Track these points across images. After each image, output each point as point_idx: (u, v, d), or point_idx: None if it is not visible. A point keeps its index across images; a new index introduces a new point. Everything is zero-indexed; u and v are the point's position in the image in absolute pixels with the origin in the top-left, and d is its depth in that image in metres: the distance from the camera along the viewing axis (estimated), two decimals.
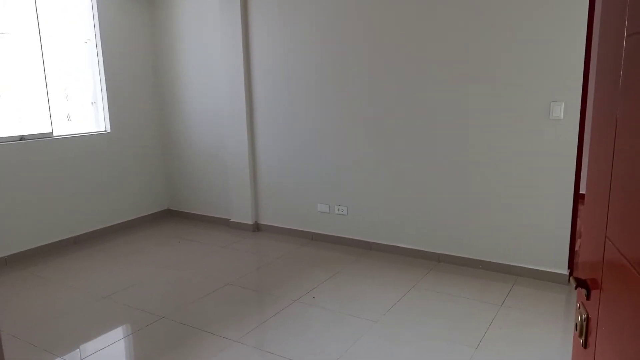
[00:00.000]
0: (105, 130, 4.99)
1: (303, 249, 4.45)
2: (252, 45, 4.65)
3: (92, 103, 4.98)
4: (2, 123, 4.35)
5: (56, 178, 4.52)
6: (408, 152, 3.99)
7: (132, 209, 5.29)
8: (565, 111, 3.35)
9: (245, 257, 4.37)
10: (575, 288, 0.94)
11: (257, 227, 5.03)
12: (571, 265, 3.55)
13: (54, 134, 4.54)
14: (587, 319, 0.92)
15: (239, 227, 5.08)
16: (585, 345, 0.96)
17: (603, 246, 0.83)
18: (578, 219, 3.55)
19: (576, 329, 1.00)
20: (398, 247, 4.18)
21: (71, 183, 4.65)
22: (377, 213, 4.26)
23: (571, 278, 0.98)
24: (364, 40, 4.03)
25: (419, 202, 4.02)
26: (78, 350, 2.86)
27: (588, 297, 0.91)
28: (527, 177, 3.55)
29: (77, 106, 4.94)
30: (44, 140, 4.42)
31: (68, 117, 5.08)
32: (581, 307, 0.95)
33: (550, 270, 3.57)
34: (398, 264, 3.99)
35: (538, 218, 3.56)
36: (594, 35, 3.31)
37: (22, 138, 4.28)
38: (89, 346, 2.89)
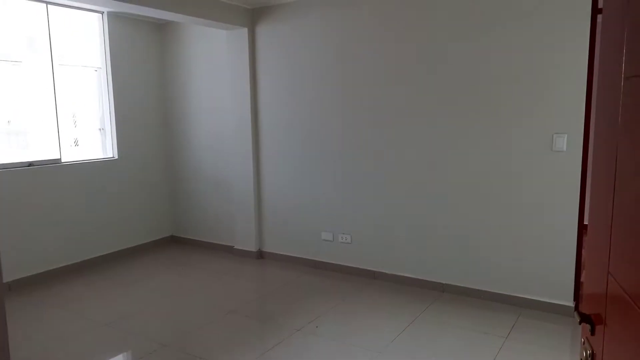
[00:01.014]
0: (113, 157, 5.05)
1: (306, 277, 4.43)
2: (259, 76, 4.75)
3: (99, 130, 5.06)
4: (11, 149, 4.42)
5: (63, 204, 4.56)
6: (413, 181, 4.02)
7: (137, 236, 5.30)
8: (568, 143, 3.38)
9: (248, 285, 4.35)
10: (580, 323, 0.95)
11: (260, 255, 5.03)
12: (577, 297, 3.52)
13: (62, 160, 4.60)
14: (592, 355, 0.92)
15: (242, 254, 5.08)
16: None
17: (606, 282, 0.85)
18: (583, 250, 3.54)
19: None
20: (402, 276, 4.16)
21: (77, 209, 4.68)
22: (381, 242, 4.26)
23: (575, 313, 0.99)
24: (371, 72, 4.11)
25: (423, 231, 4.03)
26: None
27: (592, 332, 0.92)
28: (531, 208, 3.56)
29: (85, 133, 5.02)
30: (52, 166, 4.47)
31: (76, 143, 5.16)
32: (586, 342, 0.96)
33: (555, 302, 3.53)
34: (402, 293, 3.97)
35: (543, 249, 3.55)
36: (595, 67, 3.37)
37: (30, 164, 4.34)
38: None
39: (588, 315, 0.93)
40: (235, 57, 4.81)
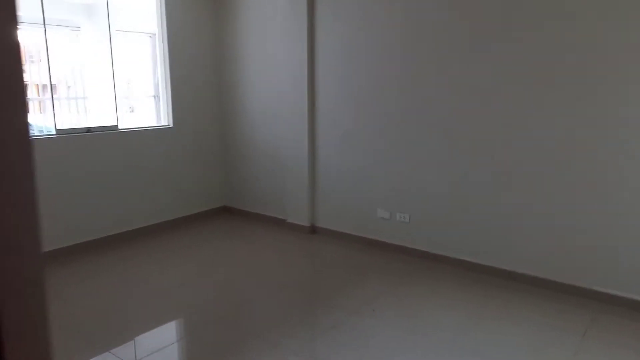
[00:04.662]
0: (168, 125, 5.01)
1: (361, 255, 4.26)
2: (317, 45, 4.50)
3: (154, 97, 5.01)
4: (72, 114, 4.45)
5: (118, 171, 4.56)
6: (480, 158, 3.71)
7: (190, 205, 5.29)
8: None
9: (301, 261, 4.23)
10: None
11: (313, 230, 4.89)
12: None
13: (119, 127, 4.59)
14: None
15: (294, 228, 4.96)
16: None
17: None
18: None
19: None
20: (464, 260, 3.91)
21: (131, 176, 4.68)
22: (442, 222, 4.00)
23: None
24: (440, 40, 3.77)
25: (489, 213, 3.73)
26: (133, 347, 2.81)
27: None
28: (613, 194, 3.19)
29: (140, 100, 5.00)
30: (109, 132, 4.46)
31: (131, 110, 5.17)
32: None
33: (637, 298, 3.19)
34: (464, 279, 3.72)
35: (623, 240, 3.19)
36: None
37: (88, 130, 4.34)
38: (144, 345, 2.84)
39: None
40: (292, 22, 4.57)
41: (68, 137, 4.16)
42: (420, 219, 4.13)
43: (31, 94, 4.90)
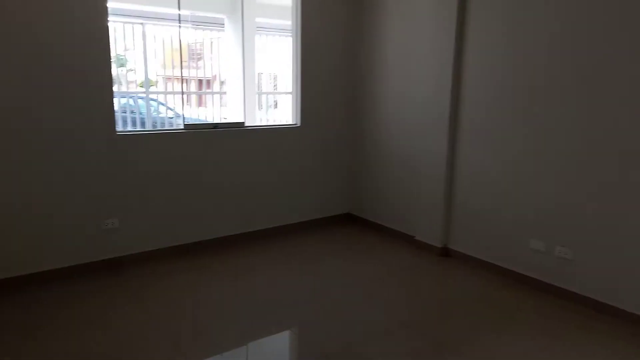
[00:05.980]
0: (295, 124, 4.73)
1: (503, 293, 3.47)
2: (466, 46, 3.80)
3: (289, 94, 4.77)
4: (214, 109, 4.44)
5: (240, 170, 4.36)
6: None
7: (311, 210, 4.95)
8: None
9: (428, 290, 3.59)
10: None
11: (445, 252, 4.20)
12: None
13: (245, 125, 4.41)
14: None
15: (423, 247, 4.32)
16: None
17: None
18: None
19: None
20: None
21: (254, 176, 4.46)
22: (618, 264, 3.04)
23: None
24: (615, 37, 2.85)
25: None
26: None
27: None
28: None
29: (282, 97, 4.87)
30: (234, 130, 4.30)
31: (275, 105, 5.08)
32: None
33: None
34: None
35: None
36: None
37: (215, 126, 4.22)
38: None
39: None
40: (438, 20, 3.94)
41: (194, 133, 4.07)
42: (587, 256, 3.21)
43: (190, 88, 5.07)
